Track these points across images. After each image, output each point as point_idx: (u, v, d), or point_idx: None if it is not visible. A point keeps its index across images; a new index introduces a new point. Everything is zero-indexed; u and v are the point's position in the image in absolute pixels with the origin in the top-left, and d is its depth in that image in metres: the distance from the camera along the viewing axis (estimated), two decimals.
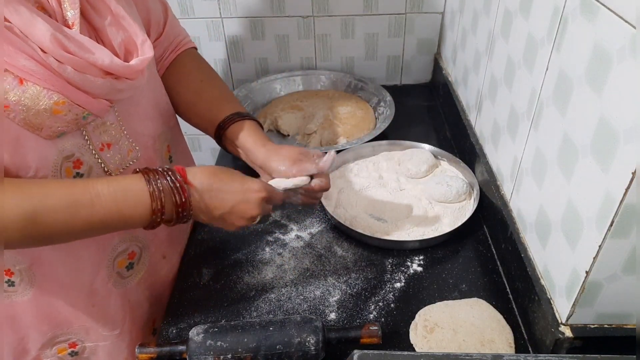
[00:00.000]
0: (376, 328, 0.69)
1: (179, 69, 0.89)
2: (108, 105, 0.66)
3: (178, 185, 0.64)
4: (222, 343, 0.66)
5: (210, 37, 1.33)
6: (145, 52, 0.67)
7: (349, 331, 0.69)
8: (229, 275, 0.84)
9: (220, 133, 0.83)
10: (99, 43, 0.64)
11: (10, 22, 0.54)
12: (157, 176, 0.64)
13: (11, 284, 0.69)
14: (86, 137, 0.68)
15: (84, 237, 0.66)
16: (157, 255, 0.84)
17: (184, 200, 0.64)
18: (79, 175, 0.68)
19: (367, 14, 1.28)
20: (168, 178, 0.64)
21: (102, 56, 0.61)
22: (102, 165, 0.70)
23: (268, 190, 0.70)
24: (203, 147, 1.58)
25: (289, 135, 1.18)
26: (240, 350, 0.66)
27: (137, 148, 0.75)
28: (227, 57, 1.37)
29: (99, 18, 0.64)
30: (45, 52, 0.56)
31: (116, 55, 0.65)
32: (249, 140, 0.80)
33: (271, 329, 0.67)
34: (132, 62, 0.65)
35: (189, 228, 0.94)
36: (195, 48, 0.94)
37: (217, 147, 1.18)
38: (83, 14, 0.63)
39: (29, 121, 0.59)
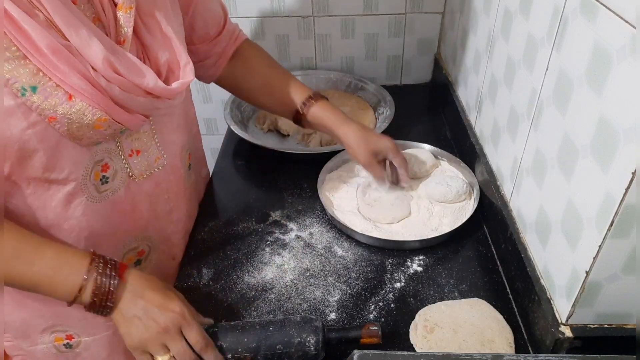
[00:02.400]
0: (376, 328, 0.69)
1: (243, 59, 0.94)
2: (144, 120, 0.69)
3: (107, 290, 0.64)
4: (222, 343, 0.66)
5: None
6: (186, 74, 0.70)
7: (349, 331, 0.69)
8: (229, 275, 0.84)
9: (299, 118, 0.93)
10: (145, 60, 0.68)
11: (69, 41, 0.58)
12: (99, 273, 0.63)
13: None
14: (118, 143, 0.71)
15: (5, 284, 0.66)
16: (165, 255, 0.86)
17: (104, 305, 0.64)
18: (105, 178, 0.70)
19: (367, 14, 1.28)
20: (103, 288, 0.63)
21: (149, 79, 0.64)
22: (128, 170, 0.73)
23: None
24: (203, 147, 1.58)
25: (289, 135, 1.18)
26: (240, 350, 0.66)
27: (165, 156, 0.78)
28: None
29: (150, 36, 0.67)
30: (95, 71, 0.59)
31: (159, 73, 0.68)
32: (324, 127, 0.92)
33: (271, 328, 0.67)
34: (174, 85, 0.68)
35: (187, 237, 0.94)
36: (251, 41, 0.98)
37: (217, 147, 1.19)
38: (135, 31, 0.66)
39: (72, 132, 0.62)
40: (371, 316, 0.76)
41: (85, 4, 0.62)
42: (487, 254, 0.87)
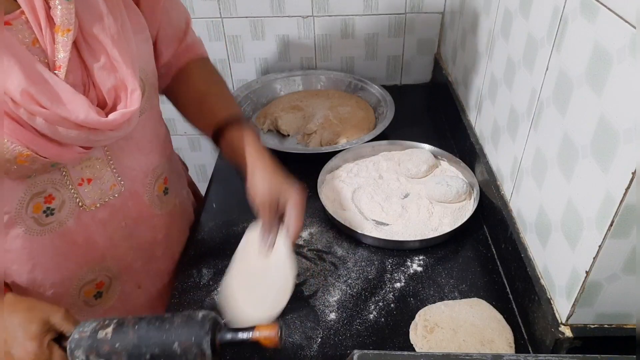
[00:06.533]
0: (272, 330, 0.57)
1: (185, 75, 0.88)
2: (82, 153, 0.64)
3: None
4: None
5: (210, 37, 1.33)
6: (132, 103, 0.65)
7: (242, 331, 0.58)
8: None
9: (217, 138, 0.80)
10: (90, 84, 0.63)
11: None
12: None
13: None
14: (64, 172, 0.66)
15: None
16: (130, 285, 0.82)
17: None
18: (49, 209, 0.66)
19: (367, 14, 1.28)
20: None
21: (77, 111, 0.59)
22: (78, 200, 0.69)
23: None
24: (203, 148, 1.58)
25: (289, 135, 1.18)
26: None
27: (122, 182, 0.73)
28: (227, 57, 1.37)
29: (92, 59, 0.62)
30: (15, 103, 0.55)
31: (103, 101, 0.63)
32: (237, 150, 0.77)
33: (149, 327, 0.57)
34: (111, 117, 0.62)
35: (174, 262, 0.89)
36: (207, 57, 0.92)
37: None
38: (79, 54, 0.62)
39: None
40: (371, 316, 0.76)
41: (23, 24, 0.58)
42: (487, 254, 0.87)
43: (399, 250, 0.87)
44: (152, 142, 0.79)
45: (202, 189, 1.07)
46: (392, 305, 0.78)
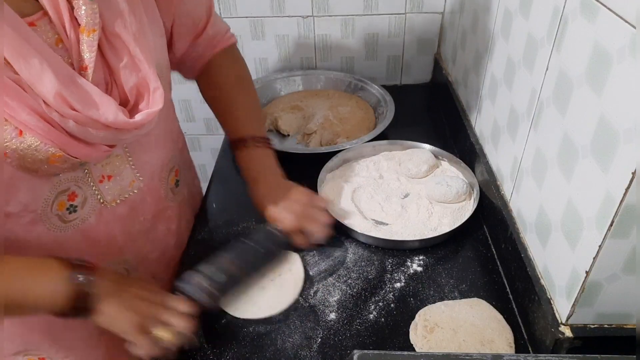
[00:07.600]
0: None
1: (212, 71, 0.90)
2: (107, 151, 0.65)
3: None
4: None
5: None
6: (155, 102, 0.66)
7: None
8: None
9: (233, 152, 0.89)
10: (112, 83, 0.64)
11: (18, 74, 0.54)
12: (75, 278, 0.62)
13: None
14: (86, 170, 0.68)
15: None
16: (146, 276, 0.83)
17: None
18: (72, 207, 0.67)
19: (367, 14, 1.29)
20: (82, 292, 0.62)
21: (107, 112, 0.60)
22: (99, 196, 0.70)
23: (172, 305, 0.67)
24: (203, 147, 1.58)
25: (289, 135, 1.18)
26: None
27: (140, 178, 0.75)
28: None
29: (116, 59, 0.63)
30: (48, 106, 0.56)
31: (126, 100, 0.65)
32: (245, 173, 0.87)
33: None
34: (137, 117, 0.64)
35: (182, 251, 0.91)
36: (235, 42, 0.94)
37: (217, 147, 1.19)
38: (101, 53, 0.62)
39: (25, 166, 0.59)
40: (371, 316, 0.76)
41: (47, 25, 0.58)
42: (487, 254, 0.87)
43: (399, 250, 0.87)
44: (167, 136, 0.81)
45: (202, 189, 1.07)
46: (392, 305, 0.78)
